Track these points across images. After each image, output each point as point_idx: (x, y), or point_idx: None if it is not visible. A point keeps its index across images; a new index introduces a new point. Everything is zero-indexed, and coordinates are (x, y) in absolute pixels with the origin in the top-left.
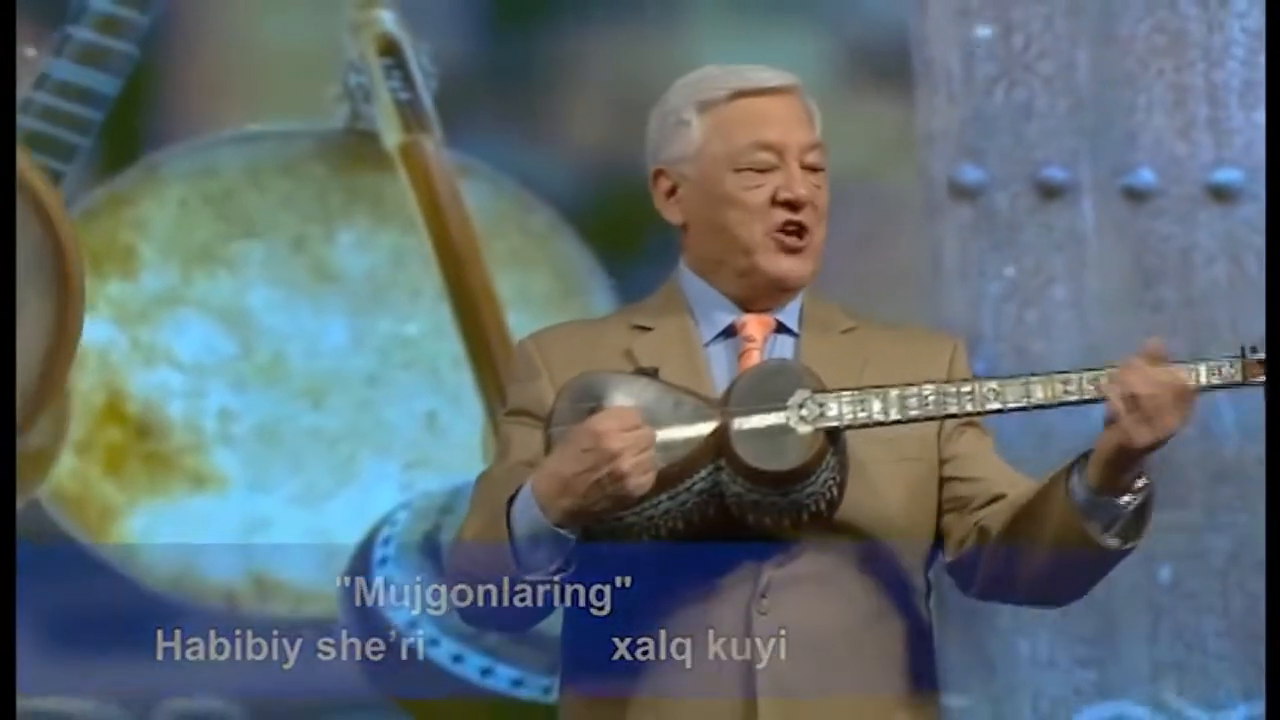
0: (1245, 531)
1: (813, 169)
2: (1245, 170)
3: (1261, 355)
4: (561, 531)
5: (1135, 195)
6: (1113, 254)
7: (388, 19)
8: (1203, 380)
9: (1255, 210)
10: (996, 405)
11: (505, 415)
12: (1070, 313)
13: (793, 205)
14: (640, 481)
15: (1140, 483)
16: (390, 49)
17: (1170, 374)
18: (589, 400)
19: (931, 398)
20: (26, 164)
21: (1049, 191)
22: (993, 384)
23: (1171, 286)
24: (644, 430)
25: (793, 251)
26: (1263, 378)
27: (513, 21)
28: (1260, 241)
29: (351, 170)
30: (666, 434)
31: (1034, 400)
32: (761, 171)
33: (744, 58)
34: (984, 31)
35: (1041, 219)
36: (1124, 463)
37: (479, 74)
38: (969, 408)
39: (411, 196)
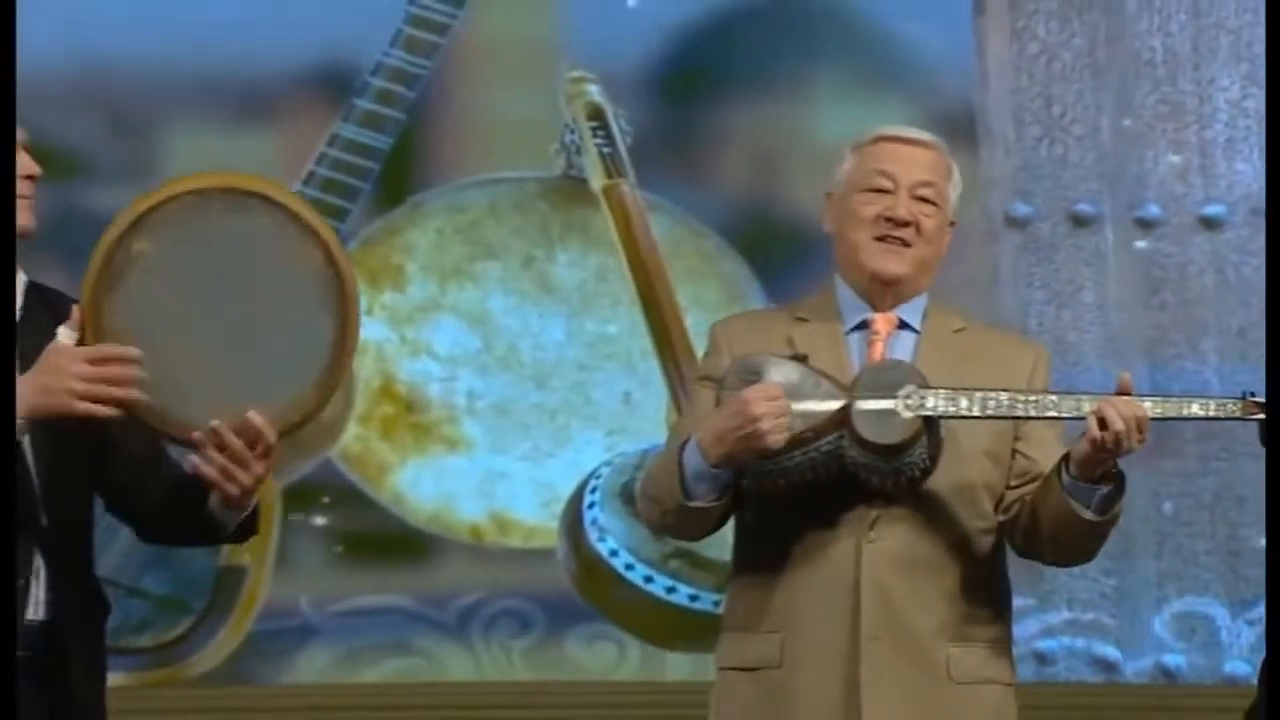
0: (1227, 476)
1: (923, 200)
2: (1227, 206)
3: (1259, 398)
4: (716, 471)
5: (1145, 224)
6: (1128, 268)
7: (594, 91)
8: (1211, 412)
9: (1235, 235)
10: (1052, 413)
11: (696, 379)
12: (1095, 312)
13: (893, 221)
14: (774, 439)
15: (1114, 472)
16: (596, 114)
17: (1134, 407)
18: (750, 374)
19: (1005, 401)
20: (310, 210)
21: (1079, 222)
22: (1053, 397)
23: (1171, 292)
24: (781, 402)
25: (889, 253)
26: (1258, 415)
27: (685, 96)
28: (1237, 259)
29: (567, 206)
30: (806, 405)
31: (1083, 413)
32: (877, 192)
33: (851, 124)
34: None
35: (1074, 242)
36: (1094, 466)
37: (662, 134)
38: (1032, 412)
39: (613, 226)
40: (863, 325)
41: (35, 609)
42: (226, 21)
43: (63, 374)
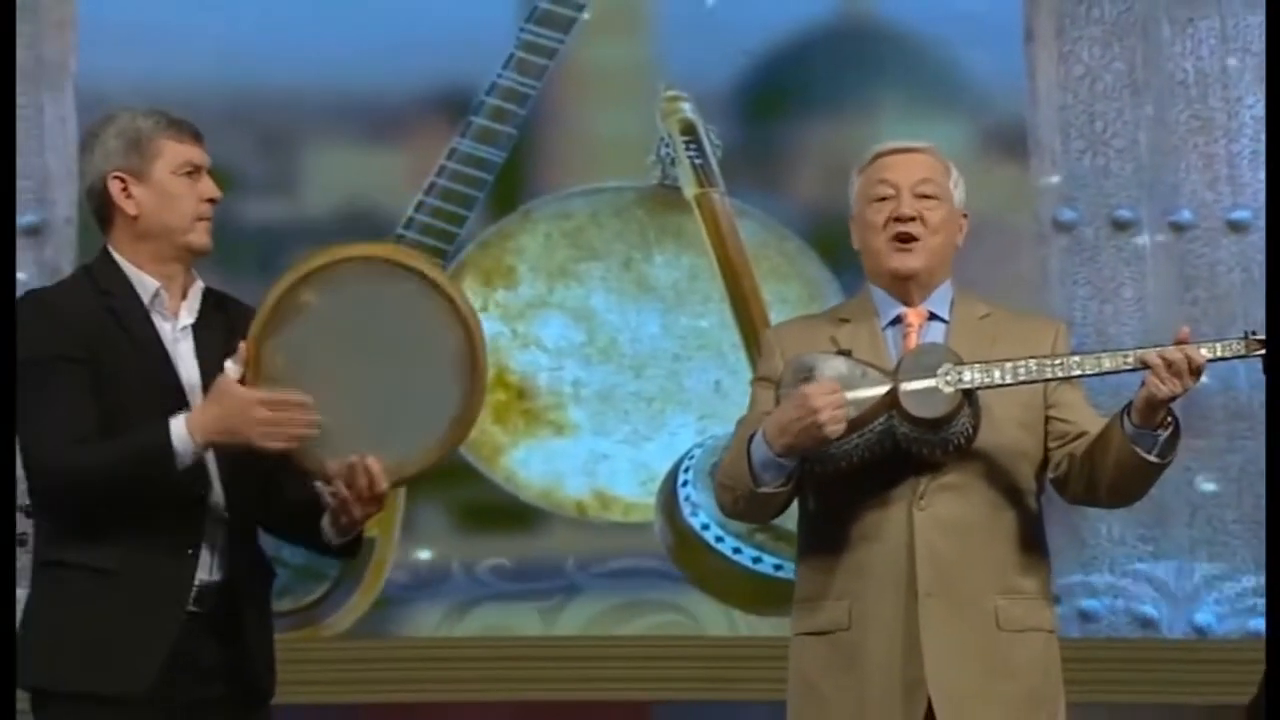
0: (1253, 453)
1: (924, 196)
2: (1252, 211)
3: (1259, 336)
4: (781, 460)
5: (1178, 228)
6: (1163, 267)
7: (687, 108)
8: (1218, 353)
9: (1259, 238)
10: (1078, 372)
11: (754, 380)
12: (1134, 307)
13: (900, 219)
14: (832, 429)
15: (1169, 420)
16: (689, 129)
17: (1188, 351)
18: (804, 371)
19: (1034, 366)
20: (459, 292)
21: (1120, 226)
22: (1076, 357)
23: (1202, 289)
24: (838, 395)
25: (903, 251)
26: (1260, 352)
27: (767, 115)
28: (1261, 258)
29: (662, 213)
30: (857, 393)
31: (1103, 368)
32: (883, 200)
33: (914, 139)
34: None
35: (1115, 244)
36: (1153, 408)
37: (748, 148)
38: (1059, 373)
39: (704, 230)
40: (897, 320)
41: (209, 571)
42: (359, 51)
43: (245, 416)
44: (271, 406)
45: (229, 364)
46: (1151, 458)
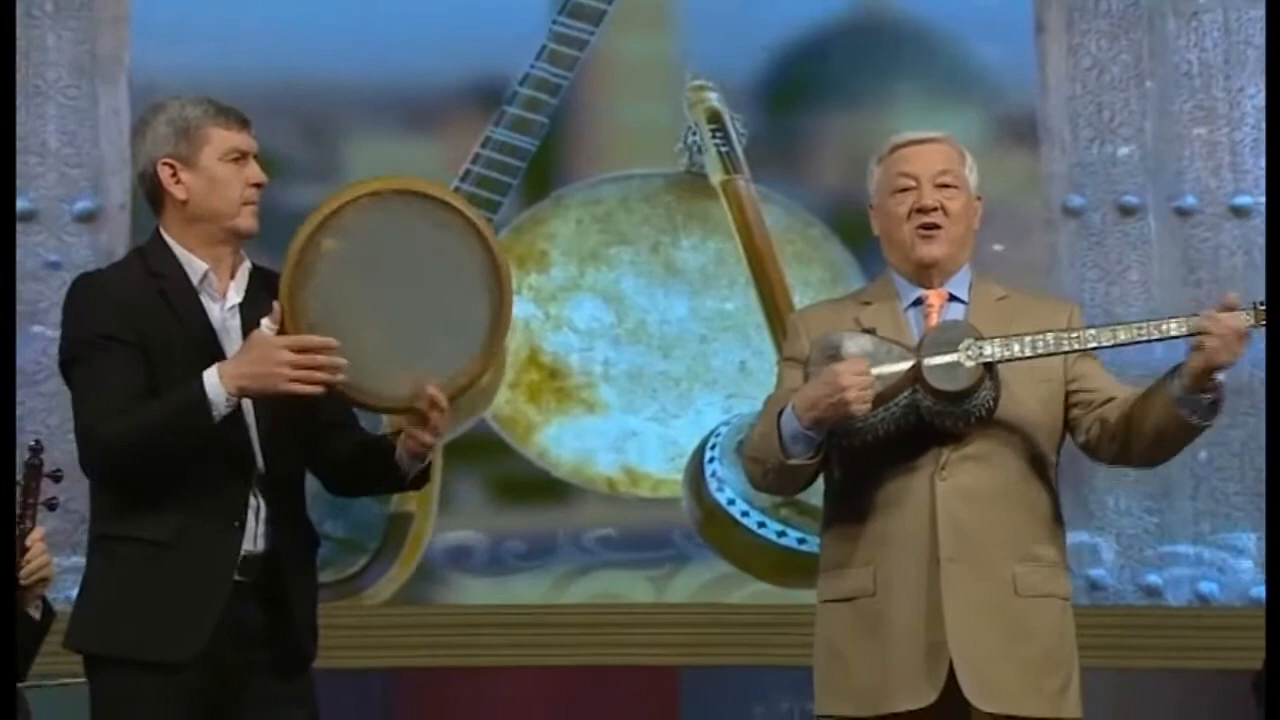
0: (1254, 429)
1: (944, 186)
2: (1253, 197)
3: (1264, 308)
4: (810, 433)
5: (1183, 213)
6: (1168, 251)
7: (713, 98)
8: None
9: (1260, 223)
10: (1094, 344)
11: (781, 360)
12: (1140, 289)
13: (923, 210)
14: (859, 407)
15: (1214, 384)
16: (715, 118)
17: (1238, 319)
18: (831, 349)
19: (1052, 340)
20: (473, 210)
21: (1126, 211)
22: (1092, 330)
23: (1206, 272)
24: (866, 377)
25: (927, 240)
26: (1263, 322)
27: (789, 105)
28: (1263, 242)
29: (690, 198)
30: (882, 369)
31: (1118, 340)
32: (905, 191)
33: (929, 129)
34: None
35: (1121, 229)
36: (1204, 374)
37: (770, 137)
38: (1076, 346)
39: (730, 216)
40: (918, 302)
41: (255, 542)
42: (398, 44)
43: (271, 360)
44: (297, 350)
45: (265, 321)
46: (1195, 420)
